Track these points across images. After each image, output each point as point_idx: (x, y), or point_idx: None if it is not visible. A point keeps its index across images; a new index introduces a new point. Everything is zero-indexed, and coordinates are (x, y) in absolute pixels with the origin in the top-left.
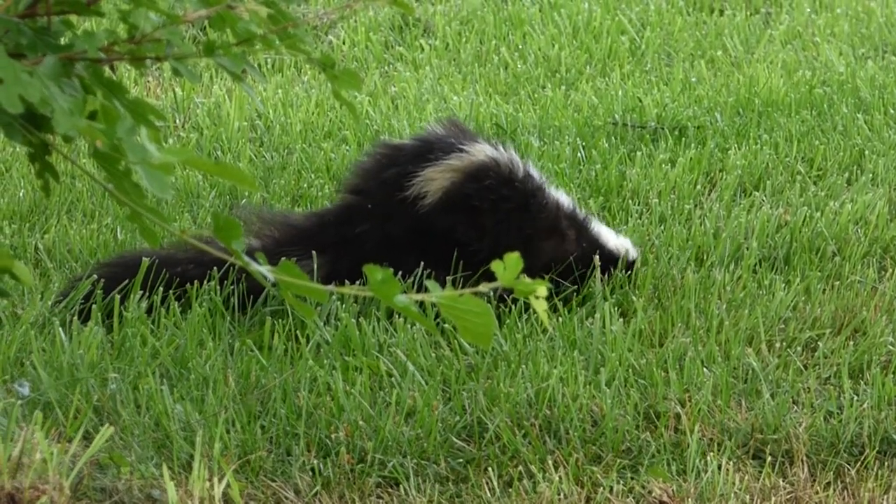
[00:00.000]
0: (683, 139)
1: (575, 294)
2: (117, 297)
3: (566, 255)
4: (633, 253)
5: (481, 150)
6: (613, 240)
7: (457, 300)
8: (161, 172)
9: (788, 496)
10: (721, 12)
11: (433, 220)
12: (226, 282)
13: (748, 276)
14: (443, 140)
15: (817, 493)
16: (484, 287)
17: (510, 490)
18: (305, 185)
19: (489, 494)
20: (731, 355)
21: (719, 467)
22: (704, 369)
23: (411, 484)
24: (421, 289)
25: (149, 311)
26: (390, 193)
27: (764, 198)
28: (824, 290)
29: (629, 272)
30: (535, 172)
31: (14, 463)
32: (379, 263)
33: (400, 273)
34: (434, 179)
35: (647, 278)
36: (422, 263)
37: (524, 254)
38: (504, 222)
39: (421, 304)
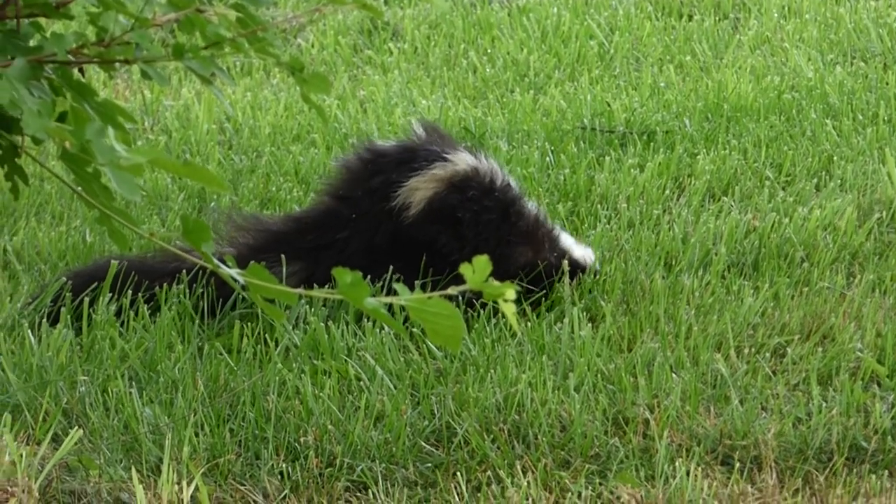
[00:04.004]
0: (652, 144)
1: (544, 299)
2: (86, 300)
3: (540, 262)
4: (595, 263)
5: (463, 160)
6: (579, 250)
7: (425, 303)
8: (130, 174)
9: (757, 502)
10: (690, 17)
11: (415, 230)
12: (195, 285)
13: (717, 281)
14: (426, 147)
15: (786, 499)
16: (452, 290)
17: (478, 495)
18: (274, 189)
19: (457, 499)
20: (700, 361)
21: (688, 473)
22: (673, 375)
23: (380, 488)
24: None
25: (118, 313)
26: (375, 202)
27: (732, 203)
28: (793, 296)
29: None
30: (512, 181)
31: None
32: (358, 270)
33: (379, 281)
34: (418, 189)
35: (615, 283)
36: (402, 272)
37: (500, 261)
38: (484, 232)
39: (390, 307)
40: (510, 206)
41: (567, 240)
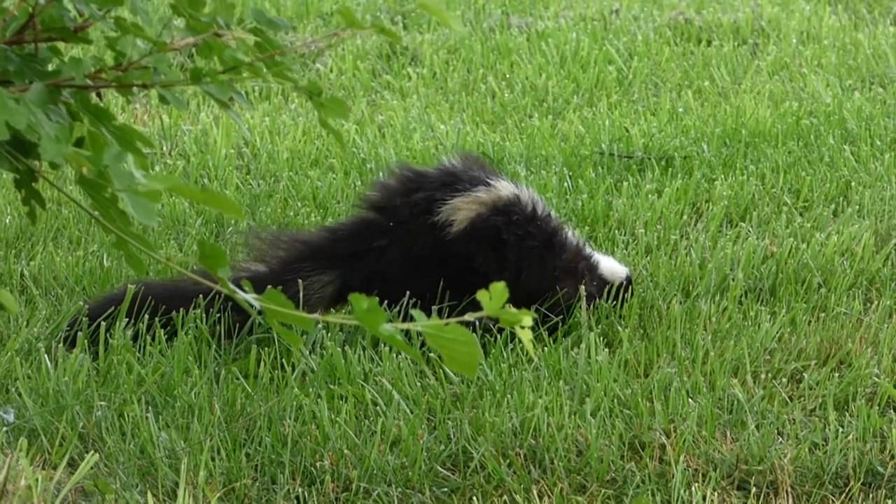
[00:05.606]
0: (670, 169)
1: (560, 324)
2: (103, 324)
3: (579, 293)
4: (628, 274)
5: (506, 187)
6: (613, 267)
7: (442, 329)
8: (147, 199)
9: None
10: (708, 43)
11: (453, 249)
12: (212, 309)
13: (734, 307)
14: (468, 172)
15: None
16: (470, 316)
17: None
18: (292, 214)
19: None
20: (717, 386)
21: (704, 498)
22: (690, 400)
23: None
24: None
25: (134, 338)
26: (416, 215)
27: (750, 229)
28: (810, 321)
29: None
30: (550, 211)
31: None
32: (393, 280)
33: (409, 293)
34: (461, 209)
35: (632, 309)
36: (435, 286)
37: (542, 289)
38: (527, 258)
39: (406, 332)
40: (553, 236)
41: (604, 261)
